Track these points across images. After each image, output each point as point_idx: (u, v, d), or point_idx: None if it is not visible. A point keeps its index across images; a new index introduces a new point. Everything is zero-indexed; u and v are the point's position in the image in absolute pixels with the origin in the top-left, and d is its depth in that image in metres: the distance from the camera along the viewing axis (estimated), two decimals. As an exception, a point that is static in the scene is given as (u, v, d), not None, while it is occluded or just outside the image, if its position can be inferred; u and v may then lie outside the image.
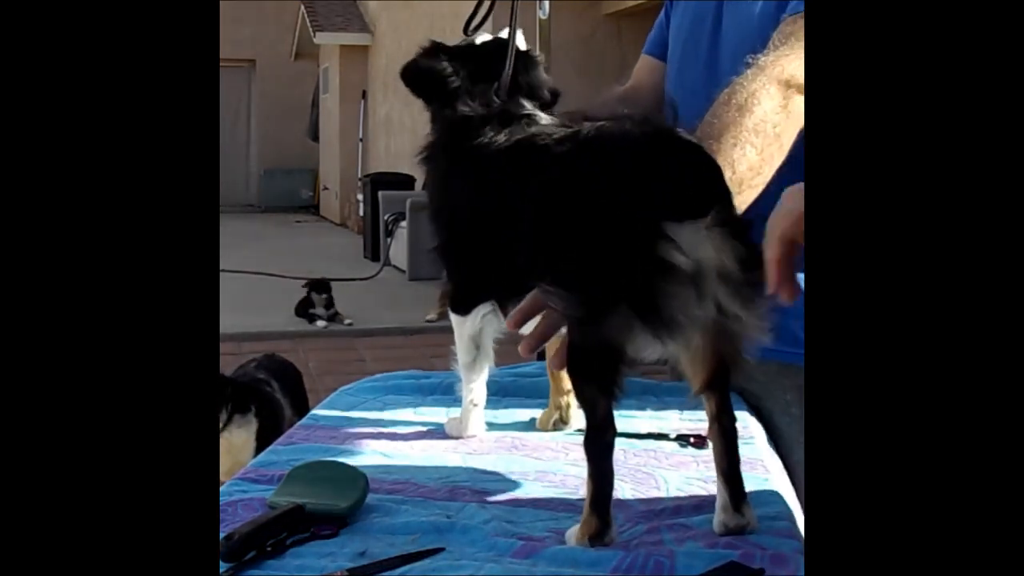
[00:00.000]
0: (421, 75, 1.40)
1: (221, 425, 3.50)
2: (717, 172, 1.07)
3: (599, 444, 1.04)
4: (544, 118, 1.30)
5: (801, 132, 1.27)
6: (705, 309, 1.00)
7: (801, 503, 1.17)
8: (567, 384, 1.44)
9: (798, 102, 1.27)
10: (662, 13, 1.73)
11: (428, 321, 7.24)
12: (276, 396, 3.82)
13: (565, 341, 1.08)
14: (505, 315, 1.31)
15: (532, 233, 1.10)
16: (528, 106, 1.34)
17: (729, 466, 1.08)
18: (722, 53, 1.49)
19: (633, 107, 1.24)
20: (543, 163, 1.13)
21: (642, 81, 1.72)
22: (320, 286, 7.75)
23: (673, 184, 1.01)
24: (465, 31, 1.41)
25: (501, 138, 1.27)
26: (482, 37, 1.42)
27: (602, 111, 1.19)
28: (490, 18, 1.43)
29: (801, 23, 1.33)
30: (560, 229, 1.05)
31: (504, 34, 1.42)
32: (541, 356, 1.83)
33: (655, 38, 1.73)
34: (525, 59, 1.39)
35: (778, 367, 1.49)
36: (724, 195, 1.05)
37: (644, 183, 1.02)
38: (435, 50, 1.41)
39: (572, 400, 1.46)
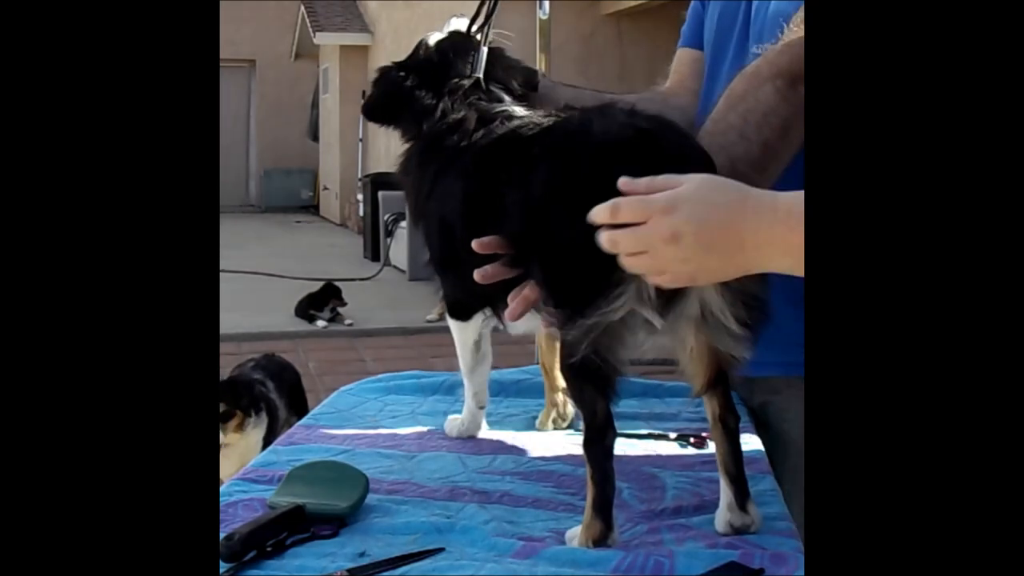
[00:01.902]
0: (384, 104, 1.38)
1: (239, 427, 3.49)
2: (708, 167, 1.06)
3: (599, 447, 1.04)
4: (521, 111, 1.24)
5: None
6: (688, 307, 1.00)
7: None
8: (560, 381, 1.44)
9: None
10: (695, 2, 1.64)
11: (428, 321, 7.23)
12: (271, 396, 3.82)
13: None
14: (501, 319, 1.30)
15: (518, 231, 1.09)
16: (505, 100, 1.30)
17: (734, 466, 1.08)
18: (750, 50, 1.46)
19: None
20: (526, 160, 1.11)
21: (683, 77, 1.63)
22: (335, 289, 7.77)
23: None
24: (468, 32, 1.40)
25: (479, 137, 1.23)
26: (434, 36, 1.40)
27: (592, 101, 1.17)
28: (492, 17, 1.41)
29: None
30: (544, 228, 1.05)
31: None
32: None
33: (692, 29, 1.64)
34: (490, 53, 1.35)
35: (798, 379, 1.46)
36: None
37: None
38: (388, 72, 1.38)
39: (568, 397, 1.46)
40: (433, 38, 1.38)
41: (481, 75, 1.31)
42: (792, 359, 1.37)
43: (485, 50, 1.32)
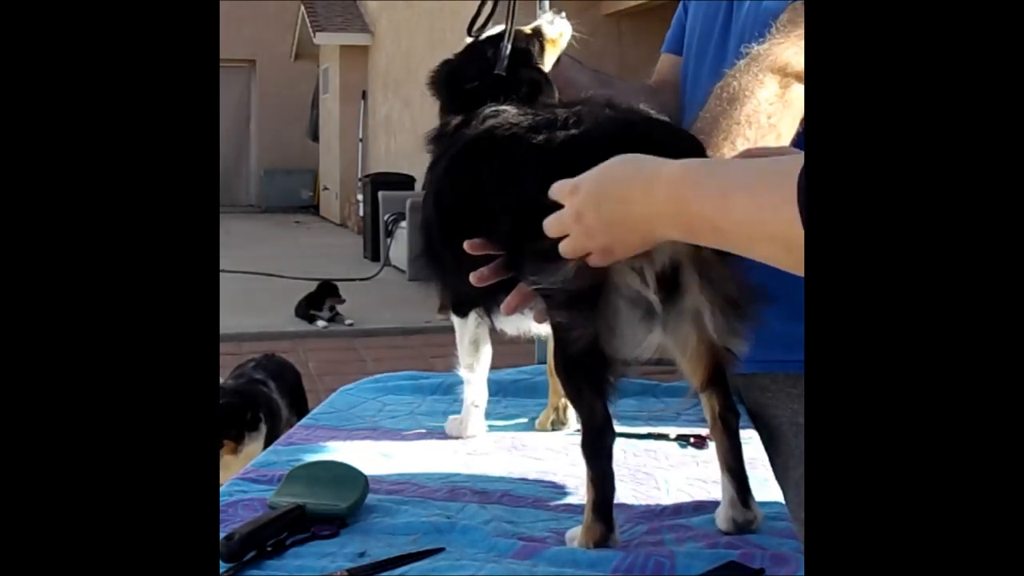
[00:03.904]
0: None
1: (239, 445, 3.48)
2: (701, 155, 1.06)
3: (598, 447, 1.03)
4: (508, 110, 1.18)
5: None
6: (686, 304, 1.00)
7: (799, 518, 1.14)
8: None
9: (796, 90, 1.22)
10: (680, 8, 1.68)
11: (427, 323, 7.23)
12: (273, 396, 3.82)
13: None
14: (492, 320, 1.29)
15: (514, 230, 1.08)
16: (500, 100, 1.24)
17: (735, 462, 1.07)
18: (729, 51, 1.47)
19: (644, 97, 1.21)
20: (507, 161, 1.09)
21: (665, 78, 1.67)
22: (332, 290, 7.76)
23: None
24: (469, 32, 1.40)
25: (456, 139, 1.21)
26: (487, 33, 1.39)
27: (570, 96, 1.16)
28: (494, 17, 1.41)
29: (799, 10, 1.28)
30: (537, 225, 1.04)
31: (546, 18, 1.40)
32: (541, 359, 1.83)
33: (673, 35, 1.69)
34: (516, 53, 1.34)
35: (785, 376, 1.48)
36: None
37: None
38: (437, 69, 1.38)
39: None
40: (485, 35, 1.38)
41: (503, 72, 1.30)
42: (774, 357, 1.38)
43: (509, 47, 1.31)
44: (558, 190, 0.98)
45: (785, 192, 0.76)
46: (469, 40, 1.40)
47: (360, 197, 12.61)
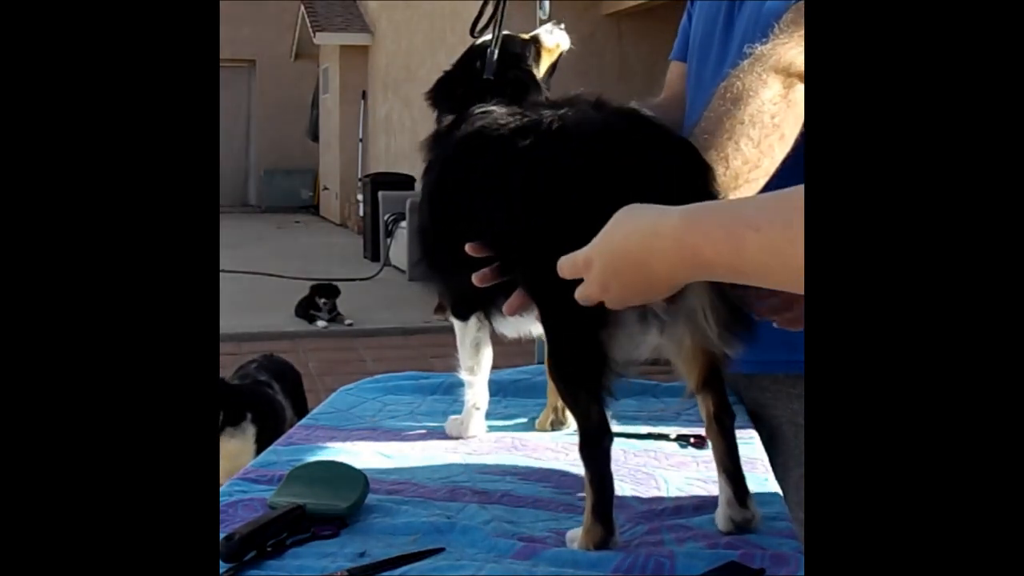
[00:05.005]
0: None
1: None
2: (696, 164, 1.06)
3: (596, 450, 1.03)
4: (495, 110, 1.18)
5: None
6: (686, 305, 1.00)
7: (798, 518, 1.14)
8: None
9: (800, 90, 1.22)
10: (685, 17, 1.69)
11: (427, 323, 7.23)
12: (277, 398, 3.81)
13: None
14: (492, 324, 1.30)
15: (505, 232, 1.08)
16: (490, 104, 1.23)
17: (732, 463, 1.07)
18: (731, 51, 1.47)
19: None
20: (508, 158, 1.08)
21: (674, 90, 1.67)
22: (326, 291, 7.73)
23: (645, 177, 1.00)
24: (471, 33, 1.40)
25: (448, 142, 1.22)
26: (483, 38, 1.40)
27: (556, 95, 1.16)
28: (496, 19, 1.41)
29: (802, 10, 1.26)
30: (531, 226, 1.04)
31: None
32: (541, 359, 1.83)
33: (680, 42, 1.69)
34: (506, 57, 1.34)
35: (785, 377, 1.48)
36: (702, 183, 1.03)
37: (614, 176, 1.00)
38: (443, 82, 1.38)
39: None
40: (480, 40, 1.38)
41: (491, 77, 1.30)
42: (775, 358, 1.38)
43: (496, 53, 1.31)
44: (570, 266, 0.97)
45: (796, 225, 0.76)
46: (471, 41, 1.40)
47: (360, 197, 12.61)
